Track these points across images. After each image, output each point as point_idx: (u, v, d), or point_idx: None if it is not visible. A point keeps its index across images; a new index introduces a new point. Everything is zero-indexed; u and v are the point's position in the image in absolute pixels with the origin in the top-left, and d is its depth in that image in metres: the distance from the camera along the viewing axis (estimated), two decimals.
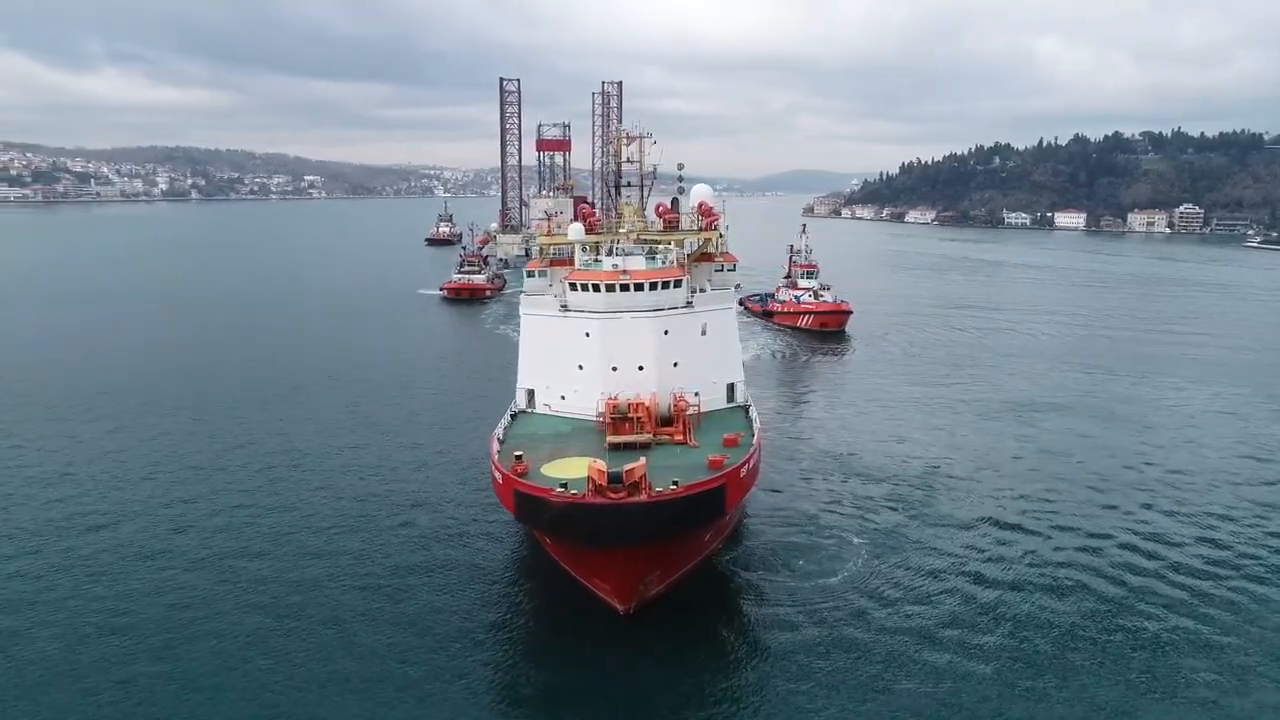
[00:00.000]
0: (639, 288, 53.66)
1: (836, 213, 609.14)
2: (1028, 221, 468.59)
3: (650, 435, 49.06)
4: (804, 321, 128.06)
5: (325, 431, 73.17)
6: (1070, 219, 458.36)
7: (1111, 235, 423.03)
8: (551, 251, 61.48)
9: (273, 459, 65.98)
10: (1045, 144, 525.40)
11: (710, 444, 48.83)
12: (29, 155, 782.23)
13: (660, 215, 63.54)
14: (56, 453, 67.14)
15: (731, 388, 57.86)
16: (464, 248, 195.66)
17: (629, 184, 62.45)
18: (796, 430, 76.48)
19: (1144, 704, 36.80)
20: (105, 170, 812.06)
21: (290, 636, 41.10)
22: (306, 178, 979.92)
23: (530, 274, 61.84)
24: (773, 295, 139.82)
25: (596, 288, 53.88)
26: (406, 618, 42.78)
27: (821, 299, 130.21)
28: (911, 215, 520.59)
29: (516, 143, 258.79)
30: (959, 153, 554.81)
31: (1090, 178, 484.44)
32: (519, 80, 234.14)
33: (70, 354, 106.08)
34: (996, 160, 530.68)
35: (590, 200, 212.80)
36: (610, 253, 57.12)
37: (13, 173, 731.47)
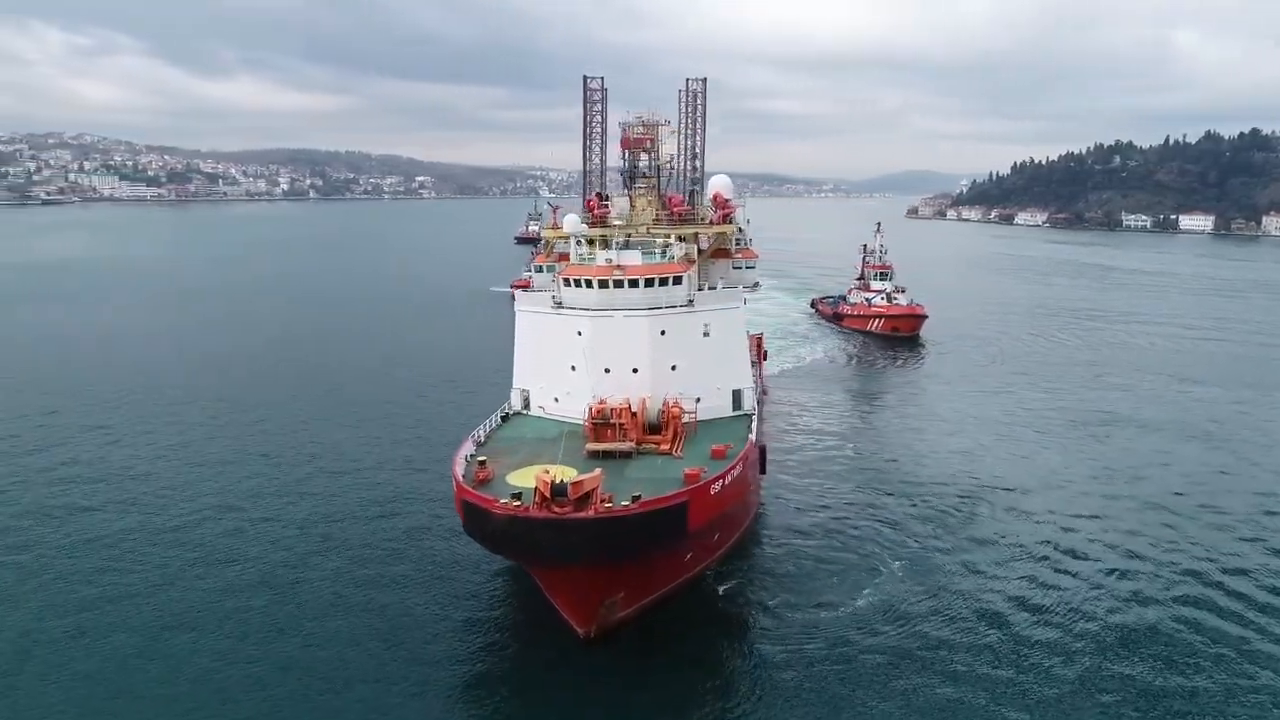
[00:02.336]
0: (633, 284, 50.04)
1: (941, 214, 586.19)
2: (1148, 224, 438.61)
3: (632, 443, 45.50)
4: (874, 325, 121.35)
5: (338, 427, 72.69)
6: (1196, 221, 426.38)
7: (1243, 239, 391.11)
8: (558, 245, 58.57)
9: (276, 454, 65.63)
10: (1172, 142, 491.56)
11: (699, 455, 44.98)
12: (166, 157, 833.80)
13: (671, 207, 59.69)
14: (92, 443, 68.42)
15: (738, 395, 53.52)
16: (535, 246, 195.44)
17: (644, 175, 58.99)
18: (845, 441, 71.36)
19: None
20: (233, 171, 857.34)
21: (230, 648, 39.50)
22: (418, 178, 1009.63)
23: (539, 269, 59.26)
24: (844, 297, 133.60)
25: (589, 283, 50.56)
26: (363, 628, 40.77)
27: (895, 302, 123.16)
28: (1021, 217, 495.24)
29: (601, 141, 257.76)
30: (1076, 151, 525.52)
31: (1221, 178, 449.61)
32: (602, 78, 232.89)
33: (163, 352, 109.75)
34: (1117, 159, 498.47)
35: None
36: (611, 246, 53.60)
37: (150, 173, 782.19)
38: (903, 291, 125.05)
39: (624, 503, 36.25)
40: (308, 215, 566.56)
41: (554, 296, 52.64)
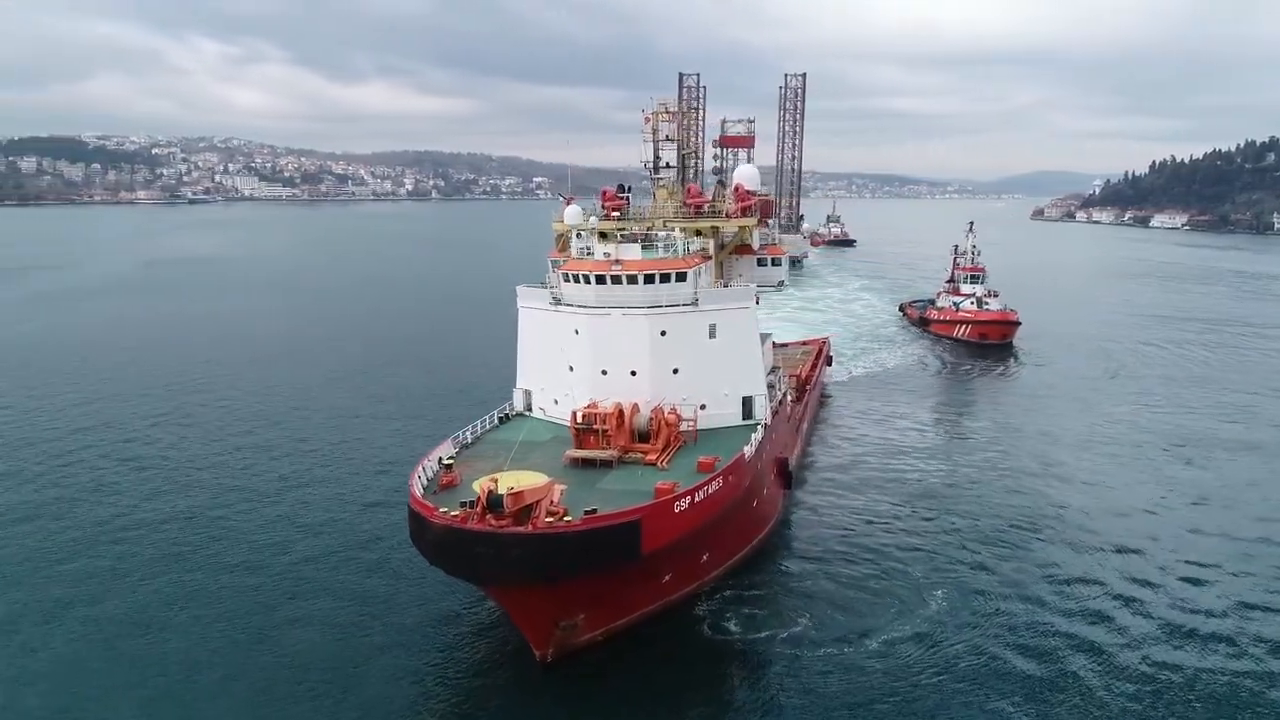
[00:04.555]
0: (632, 280, 46.49)
1: (1070, 215, 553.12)
2: None
3: (615, 451, 42.08)
4: (960, 332, 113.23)
5: (372, 424, 72.21)
6: None
7: None
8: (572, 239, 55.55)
9: (279, 449, 65.63)
10: None
11: (686, 468, 41.21)
12: (302, 159, 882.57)
13: (688, 200, 55.76)
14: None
15: (749, 402, 49.17)
16: None
17: (667, 165, 55.41)
18: (905, 455, 65.66)
19: None
20: (362, 172, 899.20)
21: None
22: (535, 179, 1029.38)
23: (555, 263, 56.41)
24: (932, 301, 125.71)
25: (586, 279, 47.37)
26: (318, 634, 39.02)
27: (985, 307, 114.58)
28: (1158, 219, 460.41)
29: (699, 139, 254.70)
30: (1223, 149, 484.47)
31: None
32: (698, 75, 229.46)
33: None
34: (1271, 157, 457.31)
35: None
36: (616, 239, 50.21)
37: (287, 175, 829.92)
38: (995, 295, 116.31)
39: (569, 519, 32.97)
40: (427, 214, 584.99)
41: (554, 292, 49.77)
